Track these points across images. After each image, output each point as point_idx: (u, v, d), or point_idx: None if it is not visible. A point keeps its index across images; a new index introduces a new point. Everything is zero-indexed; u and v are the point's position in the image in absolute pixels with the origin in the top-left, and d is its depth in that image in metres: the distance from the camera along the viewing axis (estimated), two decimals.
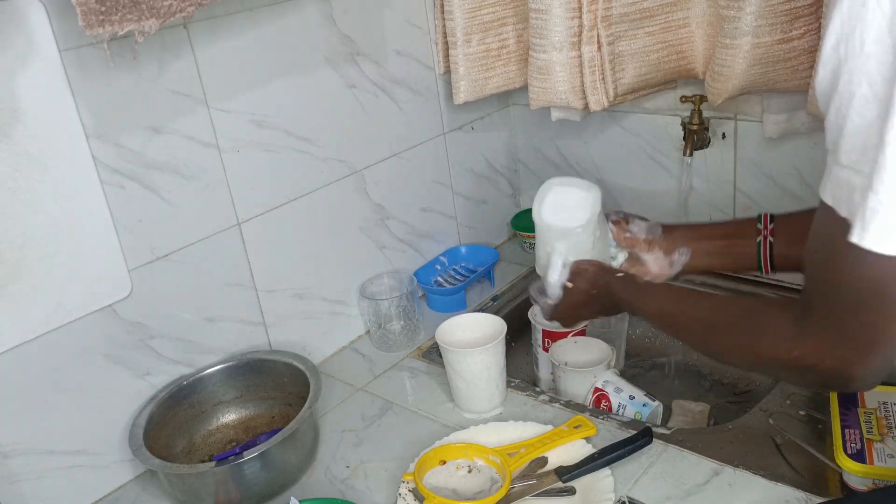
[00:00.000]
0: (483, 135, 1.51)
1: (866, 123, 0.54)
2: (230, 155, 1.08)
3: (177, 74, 1.00)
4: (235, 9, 1.04)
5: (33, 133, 0.87)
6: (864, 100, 0.53)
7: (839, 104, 0.56)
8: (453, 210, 1.49)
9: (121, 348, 1.00)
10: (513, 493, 0.91)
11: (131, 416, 1.01)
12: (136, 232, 0.99)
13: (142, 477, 1.05)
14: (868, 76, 0.53)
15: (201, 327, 1.09)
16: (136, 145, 0.97)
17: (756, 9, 1.05)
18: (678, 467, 0.94)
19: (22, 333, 0.90)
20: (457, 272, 1.46)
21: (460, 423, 1.07)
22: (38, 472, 0.95)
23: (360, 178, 1.27)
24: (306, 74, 1.15)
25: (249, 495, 0.95)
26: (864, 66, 0.53)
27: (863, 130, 0.54)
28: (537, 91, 1.29)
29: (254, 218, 1.13)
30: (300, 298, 1.22)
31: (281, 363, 1.10)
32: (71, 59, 0.89)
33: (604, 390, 1.10)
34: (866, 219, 0.54)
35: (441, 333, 1.11)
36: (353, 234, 1.29)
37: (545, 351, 1.20)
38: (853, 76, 0.54)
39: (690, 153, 1.28)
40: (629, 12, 1.20)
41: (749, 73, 1.09)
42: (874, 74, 0.52)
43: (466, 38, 1.29)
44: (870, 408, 0.92)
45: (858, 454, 0.85)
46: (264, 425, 1.11)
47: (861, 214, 0.54)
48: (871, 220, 0.54)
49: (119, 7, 0.78)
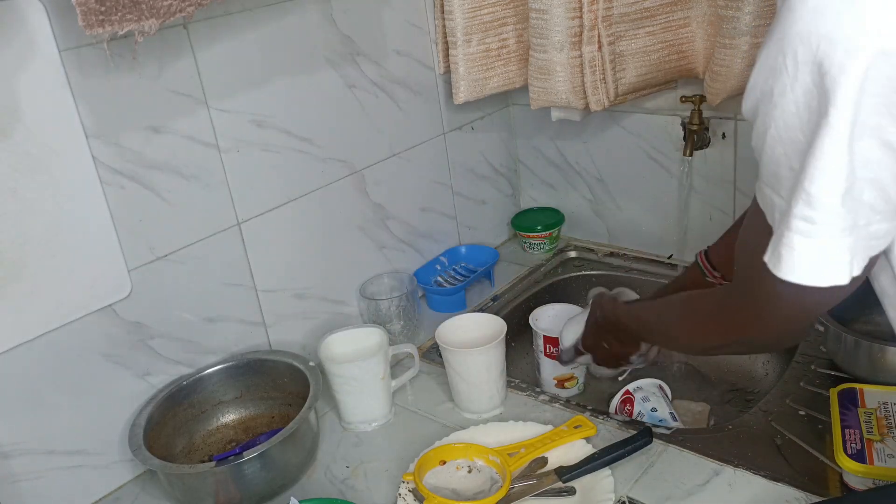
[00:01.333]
0: (483, 135, 1.51)
1: (776, 157, 0.60)
2: (230, 155, 1.08)
3: (177, 74, 1.00)
4: (235, 9, 1.04)
5: (33, 133, 0.87)
6: (773, 139, 0.60)
7: (757, 134, 0.62)
8: (453, 210, 1.49)
9: (121, 348, 1.00)
10: (513, 493, 0.91)
11: (131, 416, 1.01)
12: (136, 232, 0.99)
13: (142, 477, 1.05)
14: (775, 121, 0.59)
15: (201, 327, 1.09)
16: (136, 145, 0.97)
17: (755, 9, 1.05)
18: (678, 467, 0.94)
19: (22, 333, 0.90)
20: (457, 272, 1.46)
21: (460, 423, 1.07)
22: (38, 472, 0.95)
23: (360, 178, 1.27)
24: (306, 74, 1.15)
25: (249, 495, 0.95)
26: (772, 112, 0.59)
27: (774, 162, 0.61)
28: (537, 91, 1.29)
29: (254, 218, 1.13)
30: (300, 298, 1.22)
31: (281, 363, 1.10)
32: (71, 59, 0.89)
33: (632, 395, 1.12)
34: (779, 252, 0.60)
35: (441, 333, 1.11)
36: (353, 234, 1.29)
37: (546, 356, 1.20)
38: (765, 118, 0.60)
39: (690, 153, 1.28)
40: (630, 12, 1.20)
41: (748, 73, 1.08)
42: (779, 120, 0.59)
43: (466, 38, 1.29)
44: (870, 408, 0.92)
45: (858, 454, 0.85)
46: (264, 425, 1.11)
47: (774, 244, 0.61)
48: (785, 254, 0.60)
49: (119, 7, 0.78)
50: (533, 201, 1.63)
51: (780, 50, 0.57)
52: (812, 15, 0.54)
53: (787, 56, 0.56)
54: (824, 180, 0.55)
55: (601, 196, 1.51)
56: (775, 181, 0.61)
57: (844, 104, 0.53)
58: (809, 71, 0.55)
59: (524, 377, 1.21)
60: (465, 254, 1.49)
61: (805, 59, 0.55)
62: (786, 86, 0.57)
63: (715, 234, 1.07)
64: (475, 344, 1.08)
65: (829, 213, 0.56)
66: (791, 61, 0.56)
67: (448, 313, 1.24)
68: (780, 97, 0.58)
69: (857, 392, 0.94)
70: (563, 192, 1.57)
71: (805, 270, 0.59)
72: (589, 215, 1.54)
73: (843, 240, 0.58)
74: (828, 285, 0.59)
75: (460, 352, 1.06)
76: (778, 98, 0.58)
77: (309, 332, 1.23)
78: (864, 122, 0.53)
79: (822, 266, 0.59)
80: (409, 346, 1.15)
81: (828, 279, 0.59)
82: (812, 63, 0.54)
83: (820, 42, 0.53)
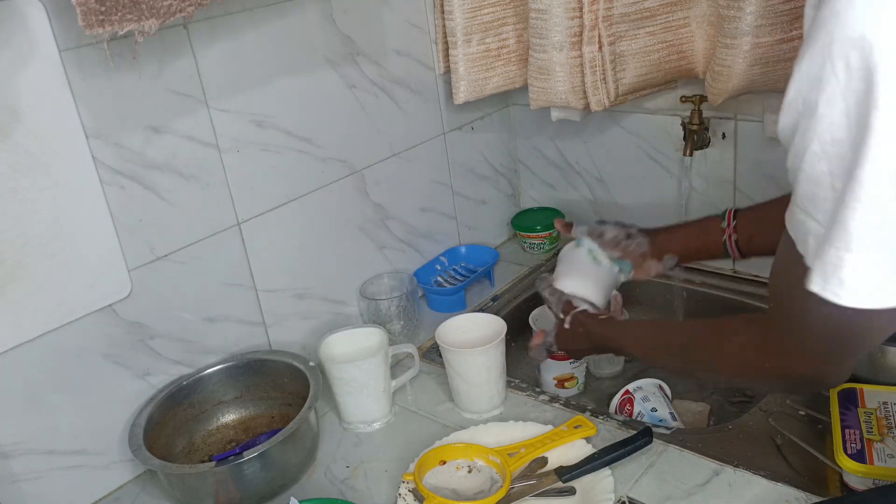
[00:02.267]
0: (483, 135, 1.51)
1: (816, 176, 0.56)
2: (230, 155, 1.08)
3: (177, 74, 1.00)
4: (235, 9, 1.04)
5: (33, 133, 0.87)
6: (815, 156, 0.56)
7: (794, 154, 0.59)
8: (453, 210, 1.49)
9: (121, 348, 1.00)
10: (513, 493, 0.91)
11: (131, 416, 1.01)
12: (136, 232, 0.99)
13: (142, 477, 1.05)
14: (819, 135, 0.55)
15: (201, 327, 1.09)
16: (136, 145, 0.97)
17: (756, 9, 1.05)
18: (678, 467, 0.94)
19: (22, 333, 0.90)
20: (457, 272, 1.46)
21: (460, 423, 1.07)
22: (38, 472, 0.95)
23: (360, 178, 1.27)
24: (306, 74, 1.15)
25: (249, 495, 0.95)
26: (816, 126, 0.55)
27: (813, 182, 0.57)
28: (537, 91, 1.29)
29: (254, 218, 1.13)
30: (300, 298, 1.22)
31: (281, 363, 1.10)
32: (71, 59, 0.89)
33: (632, 395, 1.12)
34: (826, 272, 0.56)
35: (441, 333, 1.11)
36: (353, 234, 1.29)
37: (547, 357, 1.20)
38: (807, 133, 0.56)
39: (690, 153, 1.28)
40: (630, 12, 1.20)
41: (749, 73, 1.09)
42: (824, 134, 0.55)
43: (466, 38, 1.29)
44: (870, 408, 0.92)
45: (858, 454, 0.85)
46: (264, 425, 1.11)
47: (820, 266, 0.57)
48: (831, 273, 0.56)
49: (119, 7, 0.78)
50: (533, 201, 1.63)
51: (828, 57, 0.54)
52: (862, 18, 0.51)
53: (837, 63, 0.53)
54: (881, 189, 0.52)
55: (601, 196, 1.51)
56: (811, 204, 0.58)
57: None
58: (862, 78, 0.52)
59: (524, 377, 1.21)
60: (465, 254, 1.49)
61: (858, 66, 0.52)
62: (835, 95, 0.54)
63: None
64: (475, 344, 1.08)
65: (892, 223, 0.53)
66: (842, 68, 0.53)
67: (448, 313, 1.24)
68: (828, 107, 0.54)
69: (857, 392, 0.94)
70: (563, 192, 1.57)
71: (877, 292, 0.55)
72: (589, 215, 1.54)
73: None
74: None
75: (460, 352, 1.06)
76: (824, 109, 0.54)
77: (309, 332, 1.23)
78: None
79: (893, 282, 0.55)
80: (409, 346, 1.15)
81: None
82: (865, 69, 0.51)
83: (873, 47, 0.51)
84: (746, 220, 1.01)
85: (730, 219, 1.02)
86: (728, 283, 1.33)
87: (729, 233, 1.01)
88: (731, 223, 1.01)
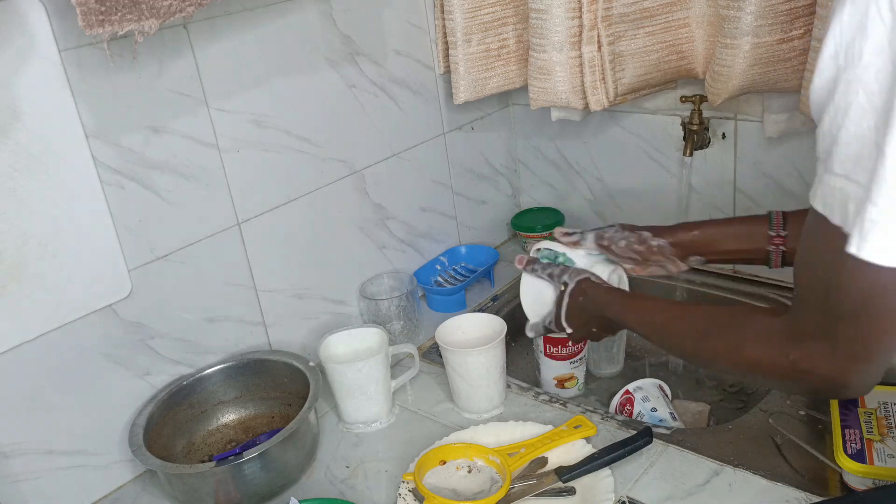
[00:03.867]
0: (483, 135, 1.51)
1: (862, 133, 0.54)
2: (230, 155, 1.08)
3: (177, 74, 1.00)
4: (235, 9, 1.04)
5: (33, 133, 0.87)
6: (861, 110, 0.53)
7: (834, 113, 0.56)
8: (453, 210, 1.49)
9: (121, 348, 1.00)
10: (513, 493, 0.91)
11: (131, 416, 1.01)
12: (136, 232, 0.99)
13: (142, 477, 1.05)
14: (865, 86, 0.53)
15: (201, 327, 1.09)
16: (136, 145, 0.97)
17: (756, 9, 1.05)
18: (678, 467, 0.94)
19: (22, 333, 0.90)
20: (457, 272, 1.46)
21: (460, 423, 1.07)
22: (38, 472, 0.95)
23: (359, 178, 1.27)
24: (306, 74, 1.15)
25: (249, 495, 0.95)
26: (862, 76, 0.53)
27: (858, 140, 0.54)
28: (537, 91, 1.29)
29: (254, 218, 1.13)
30: (300, 298, 1.22)
31: (281, 363, 1.10)
32: (71, 59, 0.89)
33: (632, 395, 1.12)
34: (864, 229, 0.53)
35: (441, 333, 1.11)
36: (353, 234, 1.29)
37: (546, 356, 1.20)
38: (850, 86, 0.54)
39: (690, 153, 1.28)
40: (629, 12, 1.20)
41: (749, 73, 1.09)
42: (872, 84, 0.52)
43: (466, 38, 1.29)
44: (870, 408, 0.92)
45: (858, 454, 0.85)
46: (264, 425, 1.11)
47: (859, 225, 0.54)
48: (869, 230, 0.53)
49: (119, 7, 0.78)
50: (533, 201, 1.63)
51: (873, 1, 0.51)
52: None
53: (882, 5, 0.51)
54: None
55: (601, 196, 1.51)
56: (854, 165, 0.54)
57: None
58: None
59: (524, 377, 1.21)
60: (465, 254, 1.49)
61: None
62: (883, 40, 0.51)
63: None
64: (475, 344, 1.08)
65: None
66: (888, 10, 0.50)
67: (448, 313, 1.24)
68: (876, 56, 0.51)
69: None
70: (563, 192, 1.57)
71: None
72: (589, 215, 1.54)
73: None
74: None
75: (460, 352, 1.06)
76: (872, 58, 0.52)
77: (309, 332, 1.23)
78: None
79: None
80: (409, 346, 1.15)
81: None
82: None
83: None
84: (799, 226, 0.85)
85: (779, 224, 0.91)
86: (728, 283, 1.33)
87: (778, 242, 0.91)
88: (779, 229, 0.91)
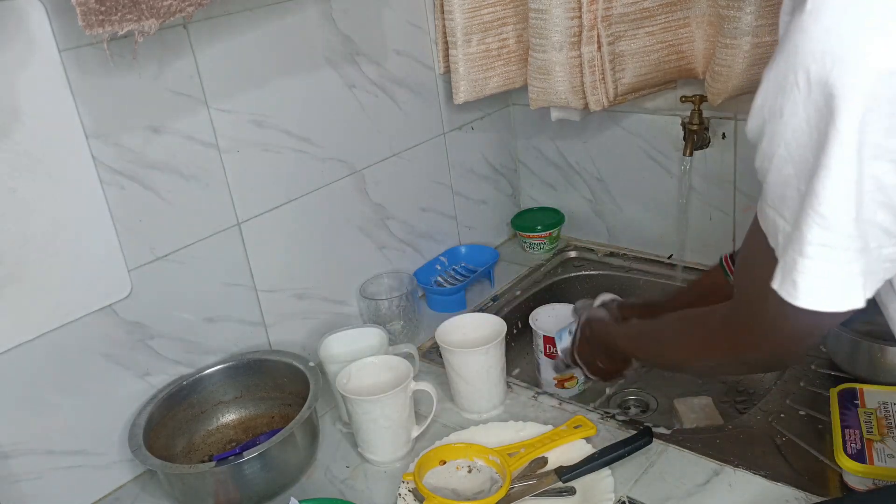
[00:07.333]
0: (483, 135, 1.51)
1: (784, 178, 0.59)
2: (230, 155, 1.08)
3: (177, 74, 1.00)
4: (235, 9, 1.04)
5: (33, 133, 0.87)
6: (782, 159, 0.59)
7: (763, 155, 0.61)
8: (453, 210, 1.49)
9: (121, 348, 1.00)
10: (513, 493, 0.91)
11: (131, 416, 1.01)
12: (136, 232, 0.99)
13: (142, 477, 1.05)
14: (784, 140, 0.58)
15: (201, 327, 1.09)
16: (136, 145, 0.97)
17: (756, 9, 1.05)
18: (678, 467, 0.94)
19: (22, 333, 0.90)
20: (457, 272, 1.46)
21: (460, 423, 1.07)
22: (38, 472, 0.95)
23: (360, 178, 1.27)
24: (306, 74, 1.15)
25: (249, 495, 0.95)
26: (783, 131, 0.58)
27: (781, 183, 0.60)
28: (537, 91, 1.29)
29: (254, 218, 1.13)
30: (300, 298, 1.22)
31: (281, 363, 1.10)
32: (71, 59, 0.89)
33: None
34: (785, 269, 0.60)
35: (441, 333, 1.11)
36: (353, 234, 1.29)
37: (546, 356, 1.20)
38: (773, 138, 0.59)
39: (690, 153, 1.28)
40: (629, 12, 1.20)
41: (749, 73, 1.09)
42: (790, 139, 0.58)
43: (466, 38, 1.29)
44: (870, 408, 0.92)
45: (858, 454, 0.85)
46: (264, 425, 1.11)
47: (782, 262, 0.60)
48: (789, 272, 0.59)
49: (119, 7, 0.78)
50: (533, 201, 1.63)
51: (792, 68, 0.56)
52: (825, 34, 0.54)
53: (799, 74, 0.55)
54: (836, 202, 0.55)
55: (601, 196, 1.51)
56: (780, 203, 0.60)
57: (850, 125, 0.52)
58: (821, 91, 0.54)
59: (524, 377, 1.21)
60: (465, 254, 1.49)
61: (817, 80, 0.54)
62: (797, 104, 0.56)
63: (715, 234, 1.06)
64: (475, 344, 1.08)
65: (843, 236, 0.56)
66: (803, 79, 0.55)
67: (448, 313, 1.24)
68: (791, 116, 0.57)
69: (857, 392, 0.94)
70: (563, 192, 1.57)
71: (823, 297, 0.58)
72: (589, 215, 1.54)
73: (858, 263, 0.57)
74: (846, 310, 0.59)
75: (460, 352, 1.06)
76: (789, 117, 0.57)
77: (309, 332, 1.23)
78: (877, 144, 0.53)
79: (840, 291, 0.58)
80: (409, 346, 1.15)
81: (845, 304, 0.58)
82: (823, 84, 0.54)
83: (833, 63, 0.53)
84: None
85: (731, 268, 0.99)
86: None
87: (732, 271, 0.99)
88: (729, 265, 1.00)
